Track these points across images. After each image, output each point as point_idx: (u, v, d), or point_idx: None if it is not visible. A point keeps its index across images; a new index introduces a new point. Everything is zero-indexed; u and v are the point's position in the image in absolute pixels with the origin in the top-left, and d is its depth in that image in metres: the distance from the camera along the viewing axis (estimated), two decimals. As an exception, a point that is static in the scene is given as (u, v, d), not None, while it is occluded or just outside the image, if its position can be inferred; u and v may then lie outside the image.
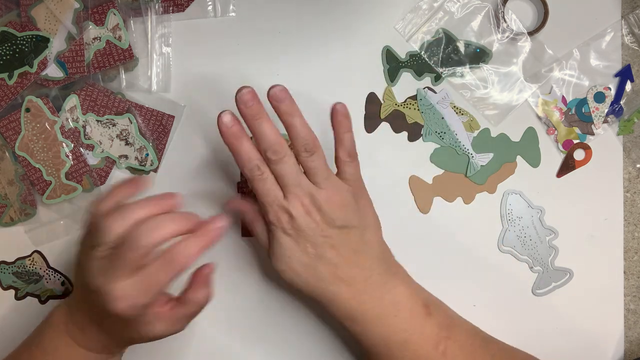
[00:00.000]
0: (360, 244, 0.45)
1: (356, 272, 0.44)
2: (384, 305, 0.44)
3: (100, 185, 0.55)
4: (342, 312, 0.45)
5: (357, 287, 0.44)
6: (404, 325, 0.44)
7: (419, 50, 0.56)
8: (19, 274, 0.55)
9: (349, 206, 0.45)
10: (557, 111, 0.56)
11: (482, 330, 0.48)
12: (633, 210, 0.56)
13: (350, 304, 0.44)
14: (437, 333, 0.45)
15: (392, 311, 0.44)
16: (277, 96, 0.43)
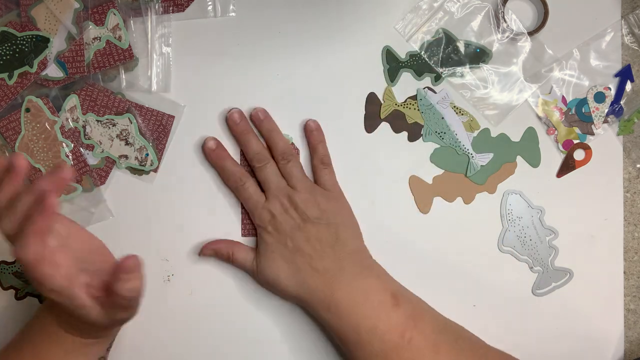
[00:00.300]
0: (333, 239, 0.50)
1: (329, 264, 0.50)
2: (354, 293, 0.49)
3: (101, 185, 0.55)
4: (318, 302, 0.49)
5: (331, 277, 0.49)
6: (372, 312, 0.48)
7: (419, 50, 0.56)
8: (19, 274, 0.55)
9: (322, 205, 0.51)
10: (557, 111, 0.56)
11: (457, 325, 0.50)
12: (633, 210, 0.56)
13: (325, 293, 0.49)
14: (403, 322, 0.48)
15: (362, 299, 0.49)
16: (259, 117, 0.54)
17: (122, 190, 0.55)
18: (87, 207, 0.55)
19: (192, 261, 0.55)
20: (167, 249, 0.55)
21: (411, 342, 0.47)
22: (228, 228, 0.55)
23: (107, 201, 0.55)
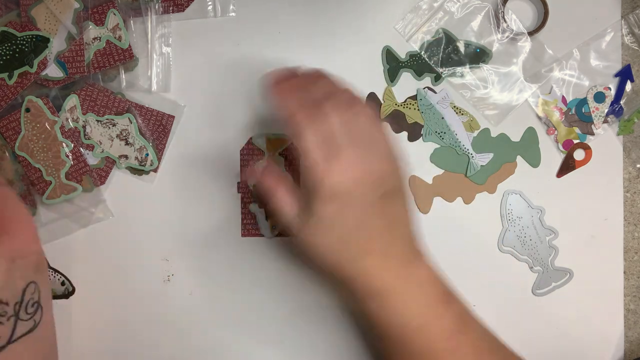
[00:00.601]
0: (397, 215, 0.43)
1: (388, 246, 0.43)
2: (408, 286, 0.43)
3: (101, 185, 0.55)
4: (365, 288, 0.42)
5: (387, 261, 0.42)
6: (423, 309, 0.43)
7: (419, 50, 0.56)
8: (19, 274, 0.55)
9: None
10: (557, 111, 0.56)
11: (493, 334, 0.46)
12: (633, 210, 0.56)
13: (376, 278, 0.42)
14: (452, 325, 0.43)
15: (415, 293, 0.43)
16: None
17: (122, 190, 0.55)
18: (87, 207, 0.55)
19: (192, 261, 0.55)
20: (167, 249, 0.55)
21: (458, 350, 0.43)
22: (228, 228, 0.55)
23: (107, 201, 0.55)
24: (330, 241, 0.42)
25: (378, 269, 0.42)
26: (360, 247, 0.42)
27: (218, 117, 0.55)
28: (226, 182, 0.55)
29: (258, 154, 0.55)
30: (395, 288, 0.42)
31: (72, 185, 0.54)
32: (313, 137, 0.40)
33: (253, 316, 0.54)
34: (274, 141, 0.55)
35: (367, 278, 0.42)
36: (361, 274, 0.42)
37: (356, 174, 0.40)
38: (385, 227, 0.42)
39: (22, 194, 0.54)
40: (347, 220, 0.41)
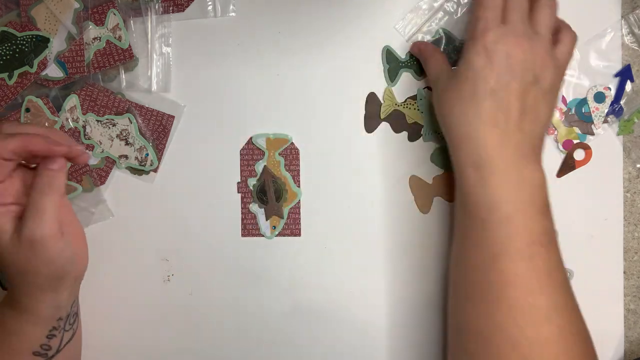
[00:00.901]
0: (537, 112, 0.45)
1: (513, 131, 0.44)
2: (515, 174, 0.43)
3: (101, 185, 0.55)
4: (472, 155, 0.44)
5: (504, 142, 0.43)
6: (519, 203, 0.43)
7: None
8: (19, 274, 0.55)
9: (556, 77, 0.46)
10: (557, 111, 0.56)
11: (567, 272, 0.46)
12: (633, 210, 0.56)
13: (486, 150, 0.43)
14: (538, 234, 0.43)
15: (519, 184, 0.43)
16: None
17: (122, 190, 0.55)
18: (87, 207, 0.55)
19: (192, 261, 0.55)
20: (167, 249, 0.55)
21: (533, 259, 0.43)
22: (228, 228, 0.55)
23: (107, 201, 0.55)
24: (464, 94, 0.44)
25: (493, 143, 0.43)
26: (486, 113, 0.43)
27: (218, 117, 0.55)
28: (226, 182, 0.55)
29: (258, 154, 0.55)
30: (501, 168, 0.43)
31: (72, 185, 0.54)
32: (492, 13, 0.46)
33: (253, 316, 0.54)
34: (274, 141, 0.55)
35: (479, 145, 0.43)
36: (475, 137, 0.44)
37: (517, 53, 0.44)
38: (519, 112, 0.44)
39: (22, 194, 0.54)
40: (488, 81, 0.43)
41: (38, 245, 0.40)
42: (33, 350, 0.43)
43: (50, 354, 0.44)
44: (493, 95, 0.44)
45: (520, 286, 0.42)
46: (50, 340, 0.44)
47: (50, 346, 0.44)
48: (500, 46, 0.44)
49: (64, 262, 0.42)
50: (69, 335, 0.46)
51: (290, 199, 0.55)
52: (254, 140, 0.55)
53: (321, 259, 0.55)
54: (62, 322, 0.44)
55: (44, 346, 0.44)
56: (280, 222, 0.54)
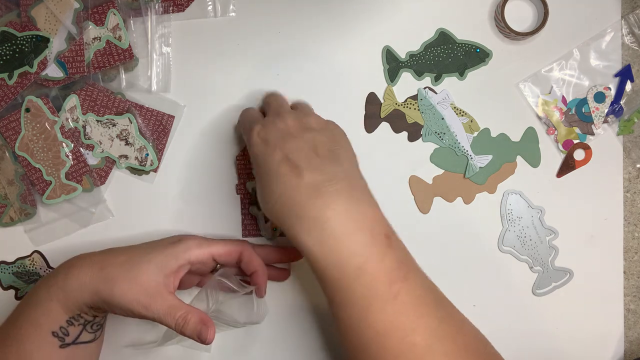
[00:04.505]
0: (331, 153, 0.44)
1: (323, 179, 0.42)
2: (347, 221, 0.41)
3: (101, 185, 0.55)
4: (301, 222, 0.42)
5: (321, 195, 0.42)
6: (363, 248, 0.41)
7: (419, 50, 0.56)
8: (19, 274, 0.55)
9: (326, 122, 0.47)
10: (557, 111, 0.56)
11: (434, 285, 0.44)
12: (633, 210, 0.56)
13: (312, 212, 0.41)
14: (394, 269, 0.41)
15: (354, 229, 0.41)
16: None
17: (122, 190, 0.55)
18: (87, 207, 0.55)
19: (192, 261, 0.55)
20: (167, 249, 0.55)
21: (397, 297, 0.41)
22: (228, 228, 0.55)
23: (107, 201, 0.55)
24: (264, 179, 0.44)
25: (312, 202, 0.42)
26: (294, 180, 0.42)
27: (218, 117, 0.55)
28: (226, 182, 0.55)
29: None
30: (332, 223, 0.41)
31: (72, 185, 0.54)
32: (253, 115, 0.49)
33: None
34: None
35: (303, 211, 0.41)
36: (296, 206, 0.42)
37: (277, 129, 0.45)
38: (315, 160, 0.43)
39: (22, 194, 0.54)
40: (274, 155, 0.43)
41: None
42: (52, 330, 0.46)
43: (67, 340, 0.46)
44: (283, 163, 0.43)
45: (395, 332, 0.41)
46: (69, 327, 0.46)
47: (69, 332, 0.46)
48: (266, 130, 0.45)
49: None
50: (89, 337, 0.48)
51: None
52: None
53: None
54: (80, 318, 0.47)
55: (62, 329, 0.46)
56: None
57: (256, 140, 0.45)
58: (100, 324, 0.49)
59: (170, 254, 0.47)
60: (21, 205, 0.54)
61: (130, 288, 0.45)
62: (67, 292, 0.45)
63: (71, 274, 0.46)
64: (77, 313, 0.46)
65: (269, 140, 0.44)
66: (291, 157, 0.43)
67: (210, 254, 0.48)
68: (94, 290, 0.45)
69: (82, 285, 0.45)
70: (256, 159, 0.45)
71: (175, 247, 0.47)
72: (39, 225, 0.55)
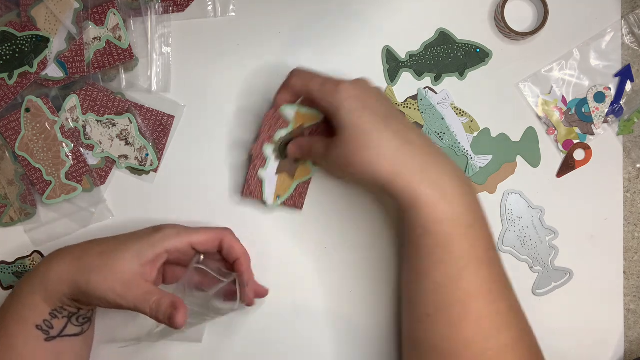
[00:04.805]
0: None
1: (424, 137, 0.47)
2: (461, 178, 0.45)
3: (100, 185, 0.55)
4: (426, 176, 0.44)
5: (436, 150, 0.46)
6: (476, 207, 0.45)
7: (419, 50, 0.56)
8: (19, 274, 0.55)
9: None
10: (557, 111, 0.56)
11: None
12: (633, 210, 0.56)
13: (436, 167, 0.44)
14: (491, 236, 0.45)
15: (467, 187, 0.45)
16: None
17: (122, 190, 0.55)
18: (87, 207, 0.55)
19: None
20: (167, 249, 0.55)
21: (491, 264, 0.44)
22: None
23: (107, 201, 0.55)
24: (374, 139, 0.44)
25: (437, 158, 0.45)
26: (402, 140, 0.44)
27: (218, 117, 0.55)
28: (226, 182, 0.55)
29: (282, 123, 0.52)
30: (454, 178, 0.44)
31: (72, 185, 0.54)
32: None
33: (253, 316, 0.54)
34: (304, 115, 0.52)
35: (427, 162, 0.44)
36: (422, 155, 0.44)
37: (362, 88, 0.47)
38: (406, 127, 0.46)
39: (22, 194, 0.54)
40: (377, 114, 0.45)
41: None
42: (36, 323, 0.46)
43: (52, 333, 0.46)
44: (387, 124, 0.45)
45: (484, 296, 0.43)
46: (53, 319, 0.46)
47: (53, 325, 0.46)
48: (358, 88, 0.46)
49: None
50: (75, 330, 0.48)
51: (301, 173, 0.53)
52: (282, 109, 0.51)
53: (321, 258, 0.55)
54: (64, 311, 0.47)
55: (46, 322, 0.46)
56: (287, 192, 0.53)
57: (353, 93, 0.45)
58: (87, 317, 0.49)
59: (147, 242, 0.46)
60: (21, 205, 0.54)
61: (106, 277, 0.45)
62: (47, 285, 0.46)
63: (51, 267, 0.46)
64: (59, 305, 0.46)
65: (367, 98, 0.45)
66: (393, 113, 0.46)
67: (189, 242, 0.48)
68: (72, 280, 0.45)
69: (61, 276, 0.45)
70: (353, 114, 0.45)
71: (153, 235, 0.47)
72: (39, 225, 0.55)
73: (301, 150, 0.51)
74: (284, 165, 0.53)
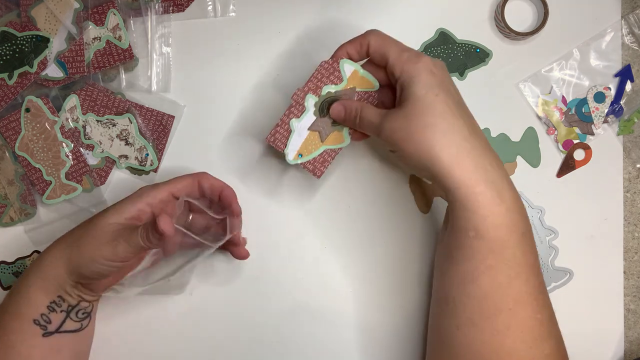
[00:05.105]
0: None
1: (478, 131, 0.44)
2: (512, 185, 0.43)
3: (100, 185, 0.55)
4: (489, 186, 0.41)
5: (494, 154, 0.44)
6: (526, 215, 0.43)
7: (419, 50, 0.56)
8: (19, 274, 0.55)
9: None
10: (557, 111, 0.56)
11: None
12: (633, 210, 0.56)
13: (498, 172, 0.42)
14: (534, 244, 0.44)
15: (518, 194, 0.43)
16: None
17: (122, 191, 0.55)
18: (87, 207, 0.55)
19: (192, 261, 0.55)
20: (167, 249, 0.55)
21: (538, 274, 0.43)
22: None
23: (107, 201, 0.55)
24: (437, 123, 0.41)
25: (497, 163, 0.43)
26: (465, 127, 0.42)
27: (218, 117, 0.55)
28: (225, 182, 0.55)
29: (333, 79, 0.48)
30: (510, 185, 0.43)
31: (72, 185, 0.54)
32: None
33: (253, 316, 0.54)
34: (362, 78, 0.48)
35: (493, 164, 0.42)
36: (488, 155, 0.42)
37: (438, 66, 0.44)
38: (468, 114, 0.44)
39: (22, 194, 0.54)
40: (447, 97, 0.42)
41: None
42: (33, 318, 0.45)
43: (50, 328, 0.46)
44: (460, 111, 0.43)
45: (531, 305, 0.42)
46: (51, 313, 0.46)
47: (50, 319, 0.46)
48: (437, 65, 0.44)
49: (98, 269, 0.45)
50: (74, 326, 0.47)
51: (333, 140, 0.49)
52: (341, 63, 0.48)
53: (320, 257, 0.55)
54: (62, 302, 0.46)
55: (43, 317, 0.46)
56: (311, 153, 0.49)
57: (434, 70, 0.43)
58: (86, 312, 0.48)
59: (127, 200, 0.47)
60: (21, 205, 0.54)
61: (94, 236, 0.44)
62: (43, 273, 0.45)
63: (43, 255, 0.46)
64: (58, 295, 0.46)
65: (445, 79, 0.43)
66: (463, 103, 0.45)
67: (169, 191, 0.47)
68: (66, 258, 0.45)
69: (54, 259, 0.45)
70: (429, 90, 0.42)
71: (133, 194, 0.47)
72: (39, 225, 0.55)
73: (346, 112, 0.47)
74: (319, 123, 0.48)
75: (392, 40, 0.46)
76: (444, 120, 0.41)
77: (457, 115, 0.42)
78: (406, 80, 0.43)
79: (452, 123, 0.41)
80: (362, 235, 0.55)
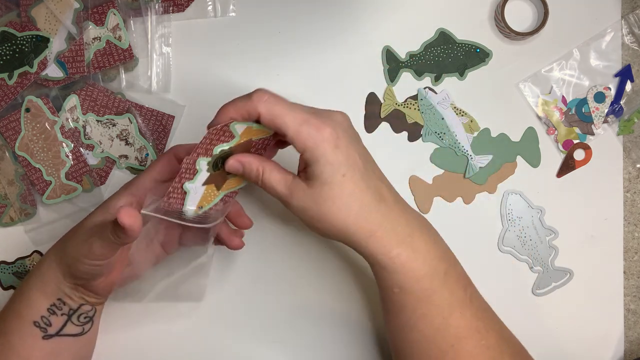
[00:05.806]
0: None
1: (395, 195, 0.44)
2: (427, 228, 0.45)
3: (101, 185, 0.55)
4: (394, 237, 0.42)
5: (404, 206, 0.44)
6: (445, 253, 0.44)
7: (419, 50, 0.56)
8: (19, 274, 0.55)
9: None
10: (557, 111, 0.56)
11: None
12: (633, 210, 0.56)
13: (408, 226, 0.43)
14: (464, 273, 0.45)
15: (434, 236, 0.45)
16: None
17: (122, 190, 0.55)
18: (87, 207, 0.55)
19: (192, 261, 0.55)
20: (167, 249, 0.55)
21: (472, 301, 0.44)
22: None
23: (107, 201, 0.55)
24: (347, 193, 0.41)
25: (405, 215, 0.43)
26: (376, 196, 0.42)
27: (218, 117, 0.55)
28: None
29: (227, 137, 0.45)
30: (420, 231, 0.44)
31: (72, 186, 0.54)
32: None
33: (253, 316, 0.54)
34: (255, 131, 0.45)
35: (397, 220, 0.43)
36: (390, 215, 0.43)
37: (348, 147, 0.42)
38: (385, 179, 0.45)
39: (22, 194, 0.54)
40: (355, 164, 0.42)
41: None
42: (34, 320, 0.45)
43: (50, 331, 0.46)
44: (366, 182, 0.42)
45: (473, 335, 0.43)
46: (51, 316, 0.46)
47: (51, 322, 0.46)
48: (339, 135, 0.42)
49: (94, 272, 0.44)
50: (75, 330, 0.47)
51: (231, 184, 0.47)
52: (232, 126, 0.44)
53: (321, 257, 0.55)
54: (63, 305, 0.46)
55: (44, 319, 0.45)
56: (210, 202, 0.46)
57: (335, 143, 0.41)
58: (88, 316, 0.47)
59: (112, 197, 0.47)
60: (21, 205, 0.54)
61: (77, 237, 0.44)
62: (42, 275, 0.46)
63: (44, 258, 0.47)
64: (58, 297, 0.45)
65: (349, 148, 0.42)
66: (369, 163, 0.44)
67: (150, 177, 0.47)
68: (59, 260, 0.45)
69: (51, 261, 0.45)
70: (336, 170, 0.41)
71: (117, 191, 0.47)
72: (39, 225, 0.55)
73: (245, 171, 0.44)
74: (214, 177, 0.46)
75: (286, 107, 0.41)
76: (355, 201, 0.41)
77: (364, 189, 0.42)
78: (310, 159, 0.41)
79: (361, 199, 0.41)
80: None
